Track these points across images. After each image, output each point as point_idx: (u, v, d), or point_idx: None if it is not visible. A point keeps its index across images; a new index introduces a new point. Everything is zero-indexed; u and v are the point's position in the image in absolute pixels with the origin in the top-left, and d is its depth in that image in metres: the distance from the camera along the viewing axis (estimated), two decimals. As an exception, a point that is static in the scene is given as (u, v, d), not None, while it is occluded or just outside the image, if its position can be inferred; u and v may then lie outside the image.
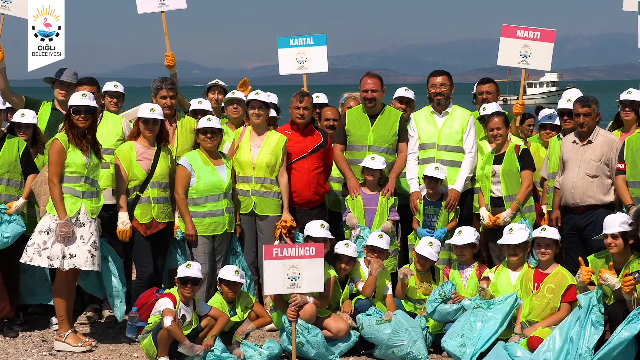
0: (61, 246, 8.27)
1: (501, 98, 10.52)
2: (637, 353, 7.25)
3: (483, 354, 7.83)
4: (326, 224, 8.81)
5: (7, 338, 8.83)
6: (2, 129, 9.07)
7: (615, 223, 7.78)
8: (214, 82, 11.00)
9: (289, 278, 8.14)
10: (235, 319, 8.27)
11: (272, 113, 10.00)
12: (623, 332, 7.17)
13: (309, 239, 8.67)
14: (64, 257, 8.28)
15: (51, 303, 8.78)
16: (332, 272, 8.49)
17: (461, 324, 8.02)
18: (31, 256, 8.29)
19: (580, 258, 7.95)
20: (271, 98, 9.80)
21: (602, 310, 7.59)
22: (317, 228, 8.67)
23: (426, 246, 8.69)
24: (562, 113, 9.66)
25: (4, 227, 8.63)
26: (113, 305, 8.81)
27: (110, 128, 9.29)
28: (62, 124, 9.19)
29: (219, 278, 8.34)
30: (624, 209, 8.41)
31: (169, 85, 9.47)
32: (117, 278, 8.78)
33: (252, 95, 9.48)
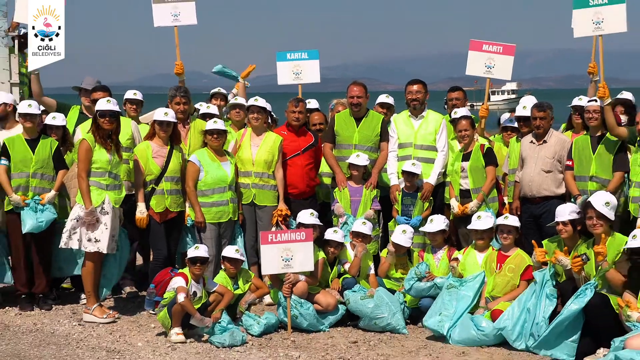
0: (87, 231, 8.29)
1: (468, 104, 10.52)
2: (584, 325, 7.28)
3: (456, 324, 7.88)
4: (315, 213, 8.83)
5: (42, 310, 8.84)
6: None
7: (566, 212, 7.83)
8: (216, 90, 11.00)
9: (282, 260, 8.21)
10: (238, 291, 8.31)
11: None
12: (572, 305, 7.23)
13: (300, 225, 8.68)
14: (89, 240, 8.31)
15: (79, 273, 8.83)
16: (321, 254, 8.52)
17: (439, 304, 8.03)
18: (65, 241, 8.38)
19: (534, 241, 8.00)
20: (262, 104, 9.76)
21: (554, 285, 7.65)
22: (307, 216, 8.70)
23: (400, 234, 8.71)
24: (519, 119, 9.69)
25: (39, 215, 8.63)
26: (105, 285, 8.81)
27: (122, 130, 9.26)
28: (79, 126, 9.22)
29: (223, 256, 8.40)
30: (572, 200, 8.44)
31: (182, 93, 9.47)
32: (117, 270, 8.89)
33: (251, 102, 9.48)
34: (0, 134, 8.99)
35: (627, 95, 9.81)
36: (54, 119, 9.18)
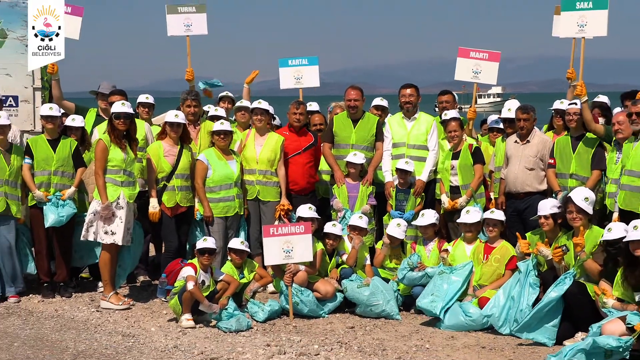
0: (104, 225, 8.31)
1: (457, 107, 10.52)
2: (563, 310, 7.31)
3: (448, 309, 7.88)
4: (313, 207, 8.84)
5: (63, 298, 8.88)
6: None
7: (547, 206, 7.85)
8: (224, 93, 10.99)
9: (284, 251, 8.23)
10: (243, 280, 8.32)
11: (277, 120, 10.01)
12: (552, 293, 7.25)
13: (300, 219, 8.70)
14: (105, 233, 8.34)
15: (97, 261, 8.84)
16: (320, 246, 8.54)
17: (431, 287, 8.04)
18: (84, 233, 8.42)
19: (518, 233, 8.02)
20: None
21: (537, 275, 7.67)
22: (306, 210, 8.73)
23: (395, 227, 8.72)
24: (504, 120, 9.71)
25: (60, 209, 8.64)
26: (121, 274, 8.83)
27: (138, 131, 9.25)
28: (96, 127, 9.22)
29: (229, 247, 8.41)
30: (554, 195, 8.46)
31: (193, 97, 9.51)
32: (131, 260, 8.88)
33: (255, 104, 9.46)
34: None
35: (603, 98, 9.83)
36: (73, 120, 9.21)
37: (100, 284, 8.92)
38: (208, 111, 10.05)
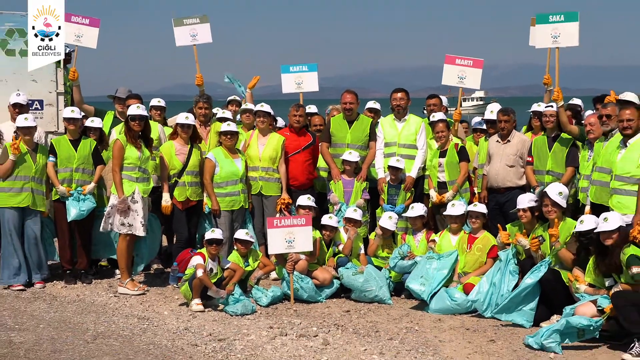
0: (120, 217, 8.33)
1: (445, 109, 10.54)
2: (540, 295, 7.33)
3: (434, 294, 7.90)
4: (312, 197, 8.89)
5: (84, 284, 8.89)
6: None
7: (525, 200, 7.87)
8: (232, 97, 11.01)
9: (286, 241, 8.21)
10: (248, 268, 8.36)
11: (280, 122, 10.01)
12: (529, 279, 7.28)
13: (299, 207, 8.75)
14: (122, 225, 8.35)
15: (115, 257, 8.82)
16: (317, 234, 8.53)
17: (419, 269, 8.06)
18: (103, 225, 8.45)
19: (499, 225, 8.05)
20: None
21: (516, 263, 7.70)
22: (304, 199, 8.80)
23: (387, 220, 8.74)
24: (487, 122, 9.73)
25: (81, 204, 8.66)
26: (139, 263, 8.88)
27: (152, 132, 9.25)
28: (114, 128, 9.23)
29: (235, 238, 8.42)
30: (531, 190, 8.49)
31: (205, 100, 9.54)
32: (147, 250, 8.89)
33: (258, 107, 9.47)
34: None
35: (576, 101, 9.85)
36: (92, 122, 9.22)
37: (117, 271, 8.93)
38: (216, 113, 10.08)
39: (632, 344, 6.38)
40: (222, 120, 9.47)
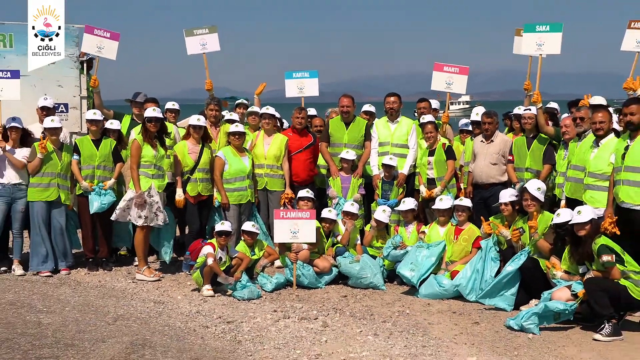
0: (137, 210, 8.34)
1: (433, 112, 10.52)
2: (520, 281, 7.35)
3: (424, 280, 7.92)
4: (311, 191, 8.92)
5: (105, 271, 8.90)
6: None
7: (507, 195, 7.89)
8: (240, 101, 10.99)
9: (291, 232, 8.24)
10: (254, 257, 8.34)
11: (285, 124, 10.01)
12: (510, 267, 7.32)
13: (299, 199, 8.78)
14: (139, 217, 8.36)
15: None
16: (317, 224, 8.50)
17: (410, 257, 8.08)
18: (116, 216, 8.50)
19: (482, 218, 8.07)
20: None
21: (497, 251, 7.72)
22: (304, 192, 8.84)
23: (381, 213, 8.75)
24: (472, 123, 9.74)
25: (102, 198, 8.65)
26: (163, 253, 8.96)
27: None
28: (133, 129, 9.22)
29: (242, 230, 8.41)
30: (512, 186, 8.50)
31: (215, 102, 9.55)
32: (168, 242, 8.93)
33: (264, 110, 9.49)
34: None
35: (553, 105, 9.85)
36: (112, 124, 9.20)
37: (135, 259, 8.95)
38: (225, 115, 10.09)
39: (602, 325, 6.43)
40: (231, 121, 9.49)
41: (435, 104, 10.71)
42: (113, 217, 8.54)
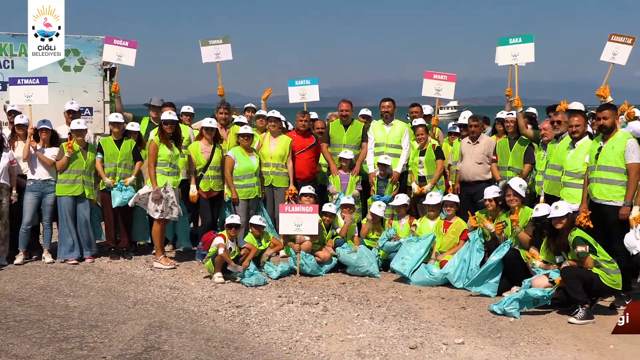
0: (154, 204, 8.34)
1: (424, 116, 10.49)
2: (502, 270, 7.35)
3: (415, 270, 7.91)
4: (312, 187, 8.91)
5: (125, 259, 8.90)
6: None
7: (490, 192, 7.89)
8: (248, 105, 10.99)
9: (295, 225, 8.25)
10: (261, 247, 8.33)
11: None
12: (494, 257, 7.31)
13: (302, 195, 8.77)
14: (156, 210, 8.36)
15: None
16: (318, 217, 8.51)
17: (401, 252, 8.09)
18: (130, 202, 8.54)
19: (469, 212, 8.07)
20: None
21: (482, 242, 7.72)
22: (306, 188, 8.82)
23: (376, 207, 8.74)
24: (460, 126, 9.73)
25: (123, 193, 8.65)
26: (182, 244, 9.16)
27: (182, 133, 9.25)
28: (151, 130, 9.21)
29: (250, 223, 8.39)
30: (496, 183, 8.50)
31: (225, 106, 9.56)
32: (185, 233, 9.10)
33: (270, 114, 9.48)
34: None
35: (532, 110, 9.84)
36: (132, 126, 9.19)
37: (153, 249, 8.95)
38: (234, 118, 10.09)
39: (577, 310, 6.44)
40: (240, 124, 9.50)
41: (429, 109, 10.69)
42: (130, 203, 8.57)
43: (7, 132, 8.93)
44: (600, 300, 6.88)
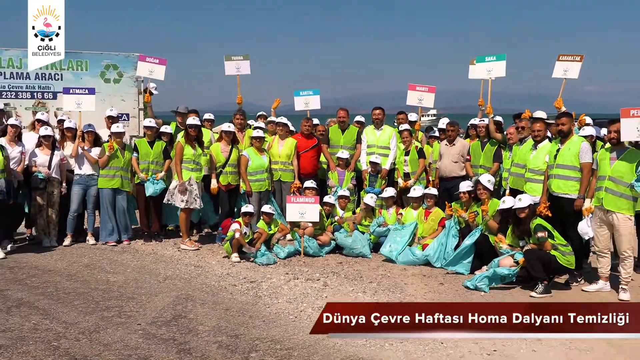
0: (180, 196, 8.33)
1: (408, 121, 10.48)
2: (474, 252, 7.35)
3: (401, 253, 7.90)
4: (314, 181, 8.89)
5: (157, 242, 8.87)
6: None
7: (464, 186, 7.88)
8: (260, 113, 10.97)
9: (299, 213, 8.23)
10: (271, 232, 8.31)
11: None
12: (467, 241, 7.31)
13: (305, 188, 8.74)
14: (182, 201, 8.36)
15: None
16: (319, 207, 8.46)
17: (389, 239, 8.09)
18: (166, 199, 8.49)
19: (446, 203, 8.06)
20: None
21: (458, 229, 7.71)
22: (309, 183, 8.79)
23: (369, 199, 8.73)
24: (439, 130, 9.71)
25: (155, 186, 8.63)
26: (211, 217, 9.19)
27: (204, 136, 9.20)
28: (179, 134, 9.20)
29: (261, 211, 8.39)
30: (469, 179, 8.48)
31: (241, 113, 9.54)
32: (212, 213, 9.05)
33: (279, 120, 9.44)
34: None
35: (498, 118, 9.83)
36: (166, 128, 9.12)
37: (180, 233, 8.94)
38: (249, 123, 10.08)
39: (537, 286, 6.45)
40: (253, 128, 9.48)
41: (414, 117, 10.66)
42: (165, 200, 8.54)
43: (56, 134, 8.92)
44: (557, 277, 6.89)
